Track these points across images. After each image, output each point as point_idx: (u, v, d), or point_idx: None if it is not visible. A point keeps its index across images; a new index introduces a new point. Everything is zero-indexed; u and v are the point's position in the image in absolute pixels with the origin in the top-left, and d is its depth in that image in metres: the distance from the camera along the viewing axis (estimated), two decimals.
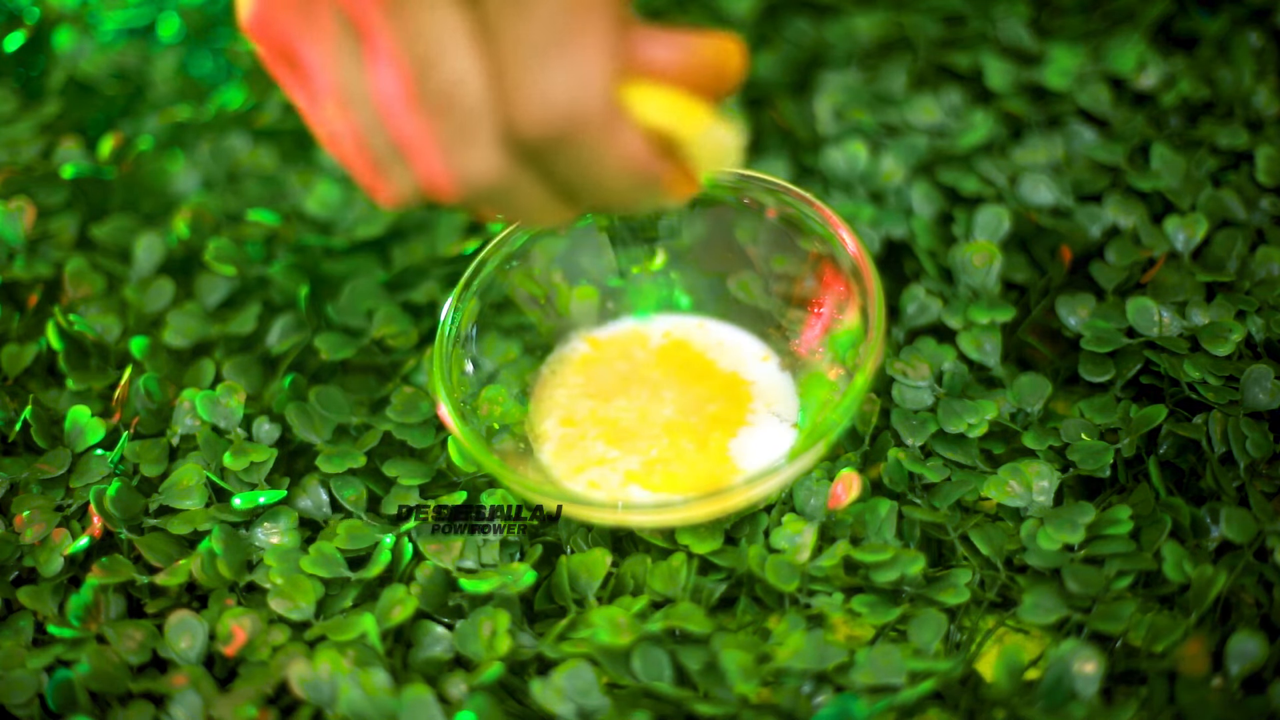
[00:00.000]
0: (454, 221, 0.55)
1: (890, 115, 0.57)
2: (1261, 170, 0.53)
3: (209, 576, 0.44)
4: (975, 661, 0.43)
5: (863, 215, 0.53)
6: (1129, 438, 0.46)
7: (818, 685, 0.41)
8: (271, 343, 0.52)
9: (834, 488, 0.45)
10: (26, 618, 0.45)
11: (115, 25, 0.62)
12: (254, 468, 0.47)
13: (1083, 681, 0.40)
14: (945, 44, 0.60)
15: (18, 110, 0.59)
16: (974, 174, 0.55)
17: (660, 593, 0.44)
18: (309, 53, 0.35)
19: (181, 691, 0.42)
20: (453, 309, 0.47)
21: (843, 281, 0.47)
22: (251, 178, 0.58)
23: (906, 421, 0.48)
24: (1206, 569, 0.42)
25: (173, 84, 0.61)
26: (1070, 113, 0.57)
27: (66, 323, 0.51)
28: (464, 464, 0.47)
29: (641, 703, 0.41)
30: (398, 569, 0.45)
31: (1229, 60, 0.58)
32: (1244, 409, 0.46)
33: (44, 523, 0.46)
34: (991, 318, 0.50)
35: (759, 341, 0.50)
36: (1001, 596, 0.45)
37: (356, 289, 0.53)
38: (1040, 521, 0.44)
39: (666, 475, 0.46)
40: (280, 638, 0.43)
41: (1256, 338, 0.48)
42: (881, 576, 0.44)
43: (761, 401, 0.48)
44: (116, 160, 0.56)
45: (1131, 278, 0.51)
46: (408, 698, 0.40)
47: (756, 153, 0.58)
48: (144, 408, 0.49)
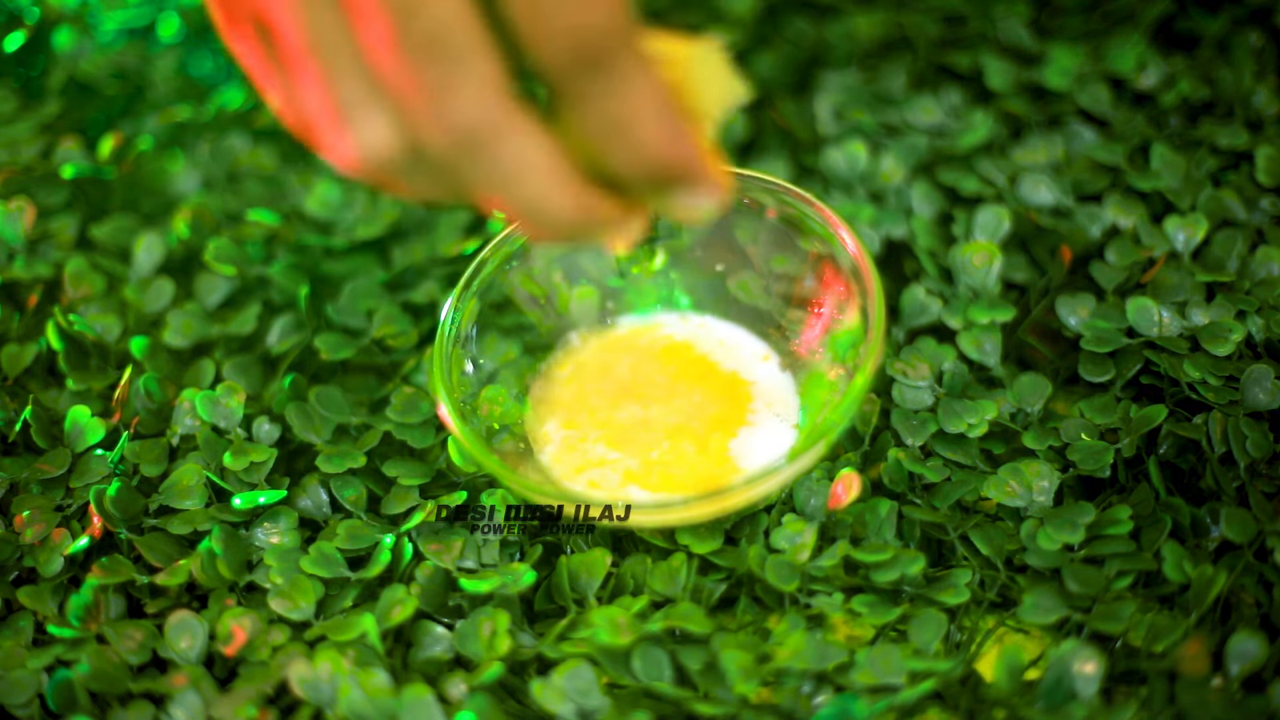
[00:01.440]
0: (454, 221, 0.55)
1: (890, 115, 0.57)
2: (1261, 170, 0.53)
3: (209, 576, 0.44)
4: (975, 661, 0.43)
5: (863, 215, 0.53)
6: (1129, 438, 0.46)
7: (818, 685, 0.41)
8: (271, 343, 0.52)
9: (834, 488, 0.45)
10: (26, 618, 0.45)
11: (115, 25, 0.62)
12: (254, 468, 0.47)
13: (1083, 681, 0.40)
14: (945, 44, 0.60)
15: (18, 110, 0.59)
16: (974, 174, 0.55)
17: (660, 593, 0.44)
18: (278, 9, 0.34)
19: (181, 691, 0.42)
20: (453, 309, 0.47)
21: (843, 281, 0.47)
22: (251, 178, 0.58)
23: (906, 421, 0.48)
24: (1206, 569, 0.42)
25: (173, 84, 0.61)
26: (1070, 113, 0.57)
27: (66, 323, 0.51)
28: (464, 464, 0.47)
29: (641, 703, 0.41)
30: (398, 569, 0.45)
31: (1229, 60, 0.58)
32: (1244, 409, 0.46)
33: (44, 523, 0.46)
34: (991, 318, 0.50)
35: (759, 341, 0.50)
36: (1001, 596, 0.45)
37: (356, 289, 0.53)
38: (1040, 521, 0.44)
39: (667, 475, 0.46)
40: (280, 638, 0.43)
41: (1256, 338, 0.48)
42: (881, 576, 0.44)
43: (762, 401, 0.48)
44: (116, 160, 0.56)
45: (1131, 278, 0.51)
46: (408, 698, 0.40)
47: (756, 153, 0.58)
48: (144, 408, 0.49)
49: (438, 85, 0.32)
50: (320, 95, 0.34)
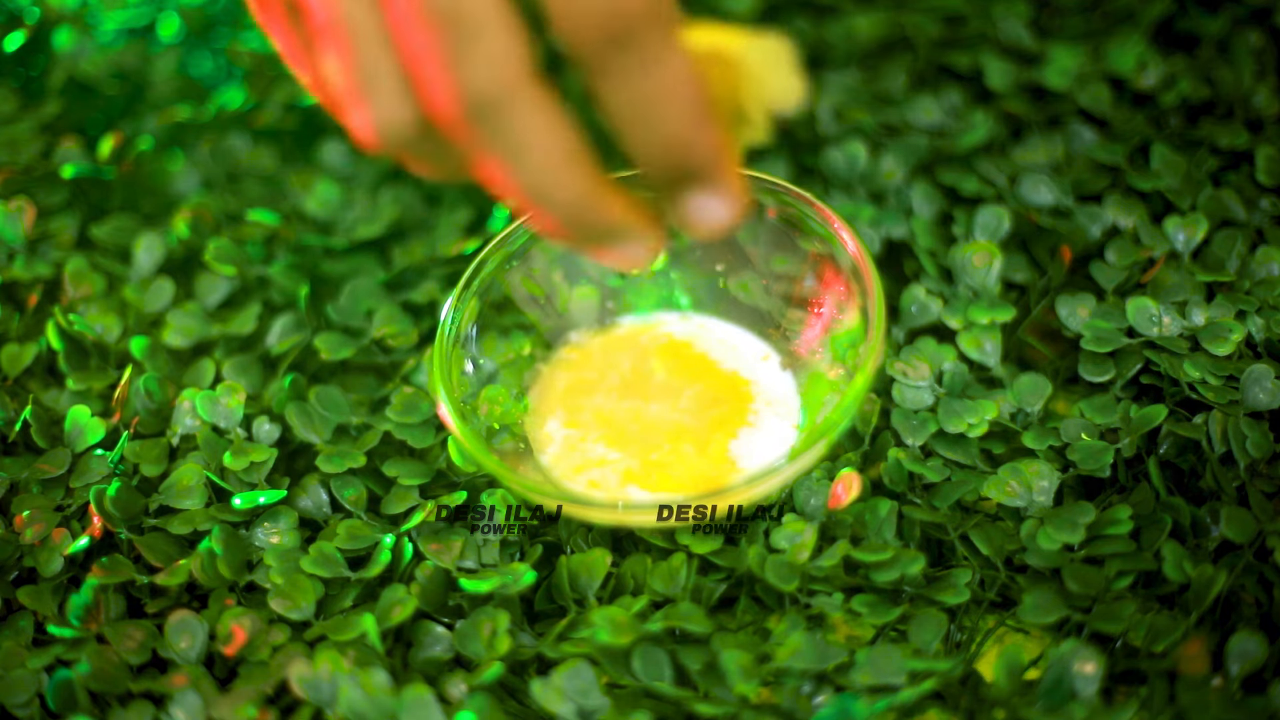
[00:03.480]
0: (454, 221, 0.55)
1: (890, 115, 0.57)
2: (1261, 170, 0.53)
3: (209, 576, 0.44)
4: (975, 661, 0.43)
5: (863, 215, 0.53)
6: (1129, 438, 0.46)
7: (818, 685, 0.41)
8: (271, 343, 0.52)
9: (834, 488, 0.45)
10: (26, 618, 0.45)
11: (115, 25, 0.62)
12: (254, 468, 0.47)
13: (1083, 681, 0.40)
14: (945, 44, 0.60)
15: (18, 110, 0.59)
16: (974, 174, 0.55)
17: (660, 593, 0.44)
18: None
19: (181, 691, 0.42)
20: (453, 309, 0.47)
21: (843, 281, 0.47)
22: (251, 178, 0.58)
23: (906, 421, 0.48)
24: (1206, 569, 0.42)
25: (173, 84, 0.61)
26: (1070, 113, 0.57)
27: (66, 323, 0.51)
28: (464, 464, 0.47)
29: (641, 703, 0.41)
30: (398, 569, 0.45)
31: (1229, 60, 0.58)
32: (1244, 409, 0.46)
33: (44, 523, 0.46)
34: (991, 318, 0.50)
35: (759, 341, 0.50)
36: (1001, 596, 0.45)
37: (356, 289, 0.53)
38: (1040, 521, 0.44)
39: (667, 476, 0.46)
40: (280, 638, 0.43)
41: (1256, 338, 0.48)
42: (881, 576, 0.44)
43: (762, 401, 0.48)
44: (116, 160, 0.56)
45: (1131, 278, 0.51)
46: (408, 698, 0.40)
47: (756, 153, 0.58)
48: (144, 408, 0.49)
49: (453, 55, 0.32)
50: (345, 70, 0.35)
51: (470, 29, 0.32)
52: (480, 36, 0.32)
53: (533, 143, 0.33)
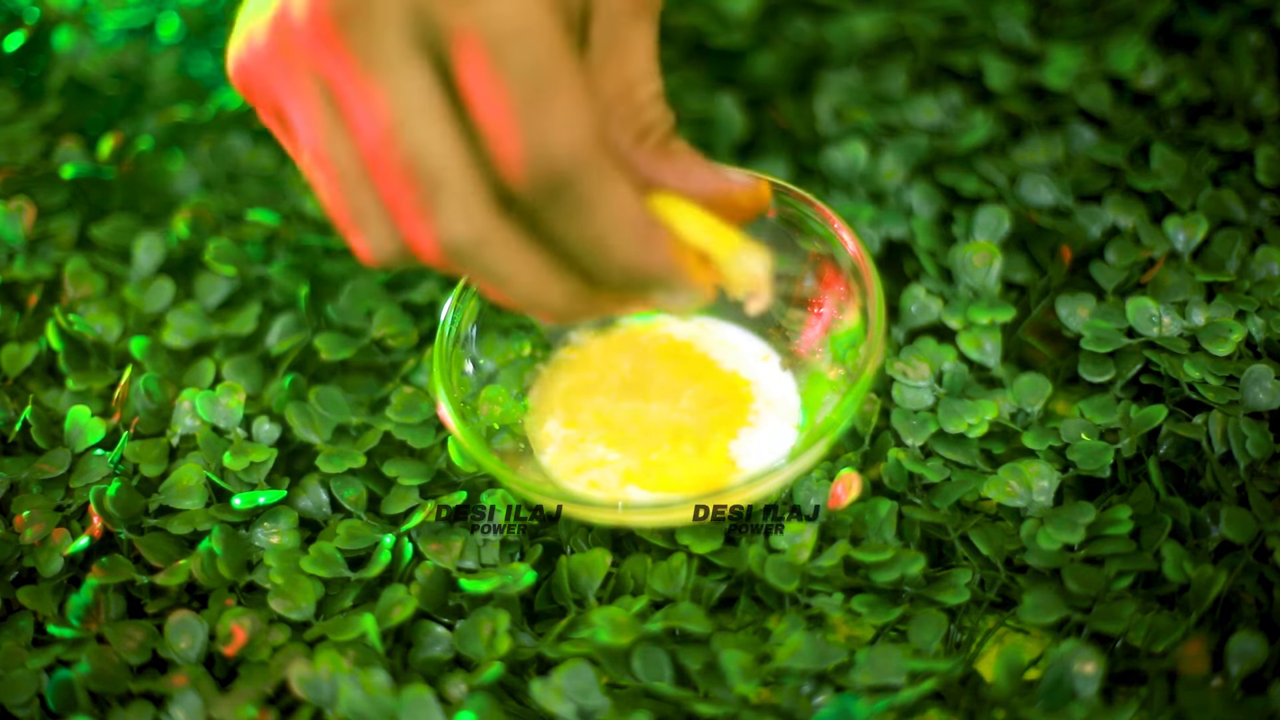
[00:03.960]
0: None
1: (890, 115, 0.57)
2: (1261, 170, 0.53)
3: (209, 576, 0.44)
4: (975, 661, 0.43)
5: (863, 215, 0.53)
6: (1129, 438, 0.46)
7: (818, 685, 0.41)
8: (271, 343, 0.52)
9: (834, 488, 0.45)
10: (26, 618, 0.45)
11: (115, 25, 0.62)
12: (254, 468, 0.47)
13: (1083, 681, 0.40)
14: (945, 44, 0.60)
15: (18, 110, 0.59)
16: (974, 174, 0.55)
17: (660, 593, 0.44)
18: (291, 109, 0.36)
19: (181, 691, 0.42)
20: (453, 309, 0.47)
21: (843, 281, 0.47)
22: (251, 178, 0.58)
23: (906, 421, 0.48)
24: (1206, 569, 0.42)
25: (173, 84, 0.61)
26: (1070, 113, 0.57)
27: (66, 323, 0.51)
28: (464, 464, 0.47)
29: (641, 703, 0.41)
30: (398, 569, 0.45)
31: (1229, 60, 0.58)
32: (1244, 409, 0.46)
33: (44, 523, 0.46)
34: (991, 318, 0.50)
35: (759, 341, 0.50)
36: (1001, 596, 0.45)
37: (356, 289, 0.53)
38: (1040, 521, 0.44)
39: (667, 476, 0.46)
40: (280, 638, 0.43)
41: (1256, 338, 0.48)
42: (881, 576, 0.44)
43: (762, 402, 0.48)
44: (116, 160, 0.56)
45: (1131, 278, 0.51)
46: (408, 698, 0.40)
47: (756, 153, 0.58)
48: (144, 408, 0.49)
49: (424, 205, 0.34)
50: (334, 202, 0.37)
51: (434, 180, 0.34)
52: (445, 185, 0.34)
53: (513, 273, 0.36)
